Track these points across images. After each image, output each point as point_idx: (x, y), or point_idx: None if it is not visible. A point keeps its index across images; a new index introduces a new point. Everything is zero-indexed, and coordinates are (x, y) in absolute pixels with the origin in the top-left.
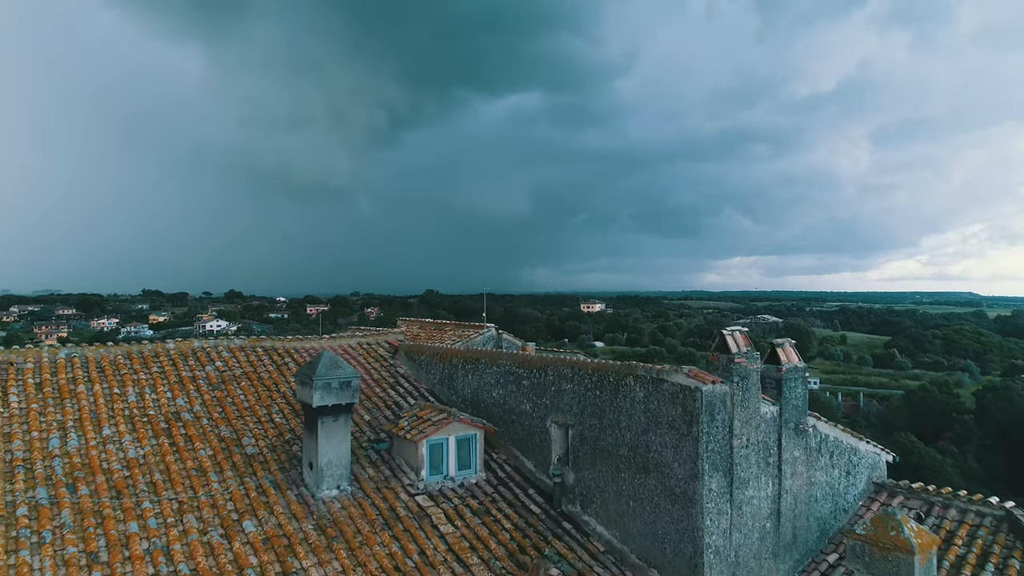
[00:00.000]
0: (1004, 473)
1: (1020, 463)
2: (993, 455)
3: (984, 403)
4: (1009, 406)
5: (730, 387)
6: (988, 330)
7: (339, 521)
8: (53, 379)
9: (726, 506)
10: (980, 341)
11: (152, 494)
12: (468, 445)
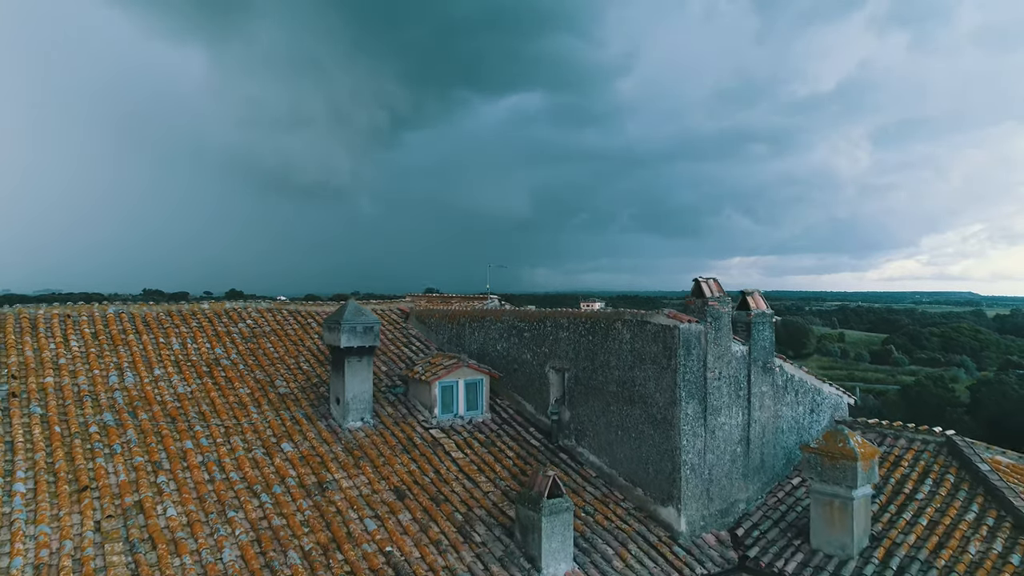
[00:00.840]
0: None
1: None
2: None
3: (978, 397)
4: (1003, 399)
5: (704, 326)
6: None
7: (364, 445)
8: (106, 330)
9: (701, 430)
10: (977, 338)
11: (201, 421)
12: (476, 388)
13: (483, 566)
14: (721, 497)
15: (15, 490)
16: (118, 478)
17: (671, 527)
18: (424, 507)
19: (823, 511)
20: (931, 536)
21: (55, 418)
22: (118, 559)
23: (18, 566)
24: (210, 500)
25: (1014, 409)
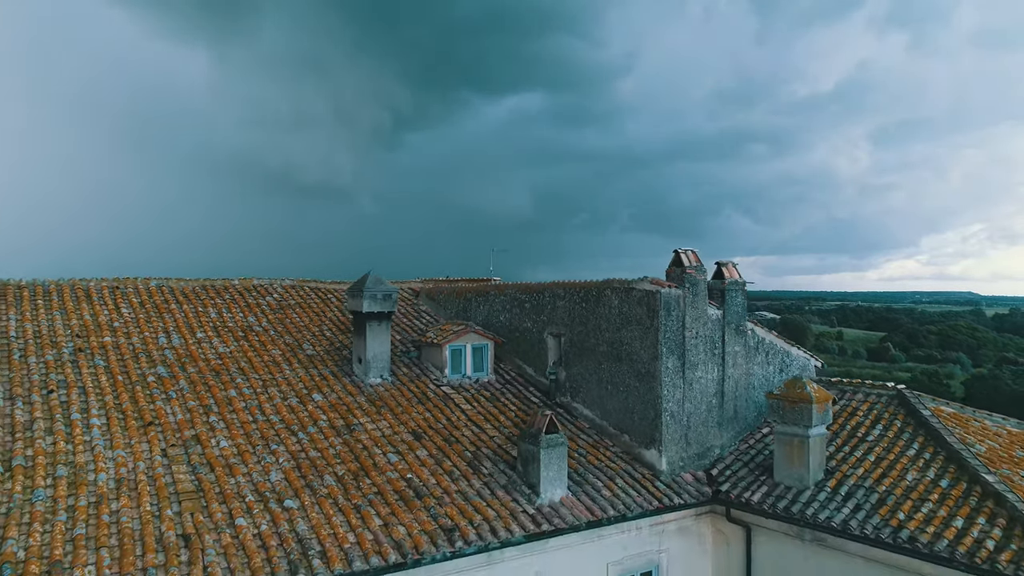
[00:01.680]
0: None
1: None
2: None
3: (972, 391)
4: (995, 394)
5: (683, 292)
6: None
7: (384, 397)
8: (151, 300)
9: (680, 382)
10: (975, 336)
11: (241, 375)
12: (482, 352)
13: (490, 491)
14: (698, 442)
15: (92, 423)
16: (176, 417)
17: (653, 467)
18: (438, 446)
19: (784, 449)
20: (877, 468)
21: (116, 369)
22: (184, 477)
23: (103, 480)
24: (255, 436)
25: (1007, 403)
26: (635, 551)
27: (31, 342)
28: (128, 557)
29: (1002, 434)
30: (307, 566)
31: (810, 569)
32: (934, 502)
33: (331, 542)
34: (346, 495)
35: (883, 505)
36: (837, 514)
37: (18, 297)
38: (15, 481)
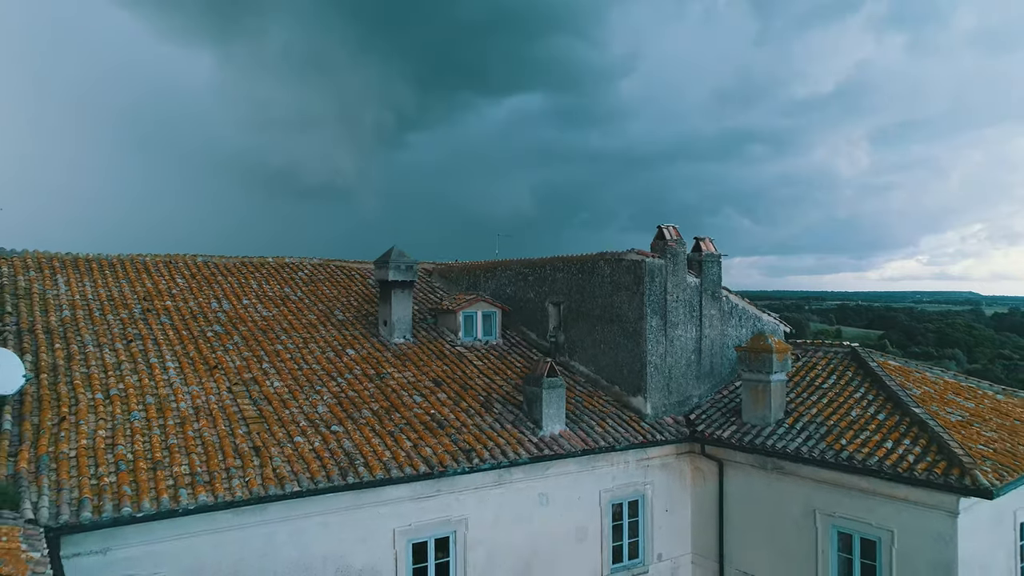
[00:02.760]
0: None
1: None
2: None
3: None
4: None
5: (665, 261)
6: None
7: (407, 353)
8: (199, 272)
9: (662, 338)
10: (972, 334)
11: (284, 333)
12: (491, 319)
13: (500, 425)
14: (678, 391)
15: (168, 366)
16: (234, 363)
17: (640, 411)
18: (455, 391)
19: (750, 393)
20: (828, 408)
21: (180, 326)
22: (247, 407)
23: (184, 407)
24: (302, 379)
25: None
26: (624, 482)
27: (106, 304)
28: (213, 460)
29: (938, 382)
30: (354, 472)
31: (771, 495)
32: (871, 431)
33: (372, 456)
34: (381, 424)
35: (830, 435)
36: (792, 443)
37: (88, 267)
38: (115, 406)
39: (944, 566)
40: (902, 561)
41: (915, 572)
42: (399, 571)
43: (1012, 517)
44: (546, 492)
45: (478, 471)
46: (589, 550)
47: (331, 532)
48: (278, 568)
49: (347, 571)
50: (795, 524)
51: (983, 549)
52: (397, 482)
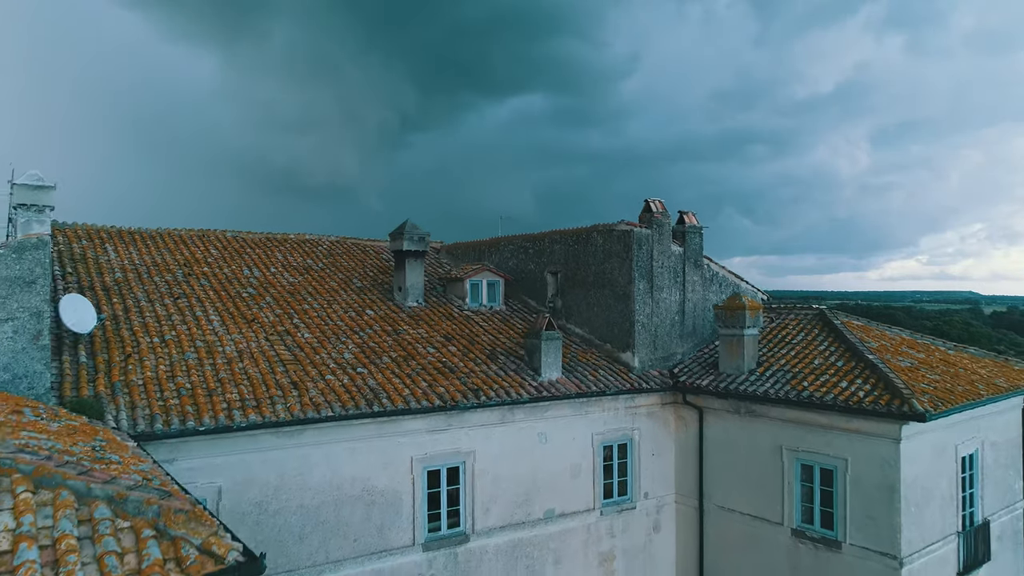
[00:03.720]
0: None
1: None
2: None
3: None
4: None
5: (651, 231)
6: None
7: (420, 315)
8: (230, 245)
9: (649, 300)
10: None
11: (310, 296)
12: (495, 287)
13: (504, 372)
14: (663, 348)
15: (211, 319)
16: (269, 318)
17: (628, 365)
18: (464, 344)
19: (726, 347)
20: (795, 359)
21: (219, 288)
22: (283, 352)
23: (229, 350)
24: (328, 332)
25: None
26: (614, 426)
27: (152, 268)
28: (258, 391)
29: (896, 339)
30: (378, 403)
31: (745, 436)
32: (830, 375)
33: (393, 391)
34: (399, 368)
35: (795, 379)
36: (761, 387)
37: (131, 238)
38: (170, 348)
39: (889, 487)
40: (854, 485)
41: (865, 494)
42: (416, 494)
43: (954, 450)
44: (544, 432)
45: (485, 407)
46: (583, 485)
47: (358, 457)
48: (313, 484)
49: (372, 491)
50: (765, 460)
51: (925, 474)
52: (415, 413)
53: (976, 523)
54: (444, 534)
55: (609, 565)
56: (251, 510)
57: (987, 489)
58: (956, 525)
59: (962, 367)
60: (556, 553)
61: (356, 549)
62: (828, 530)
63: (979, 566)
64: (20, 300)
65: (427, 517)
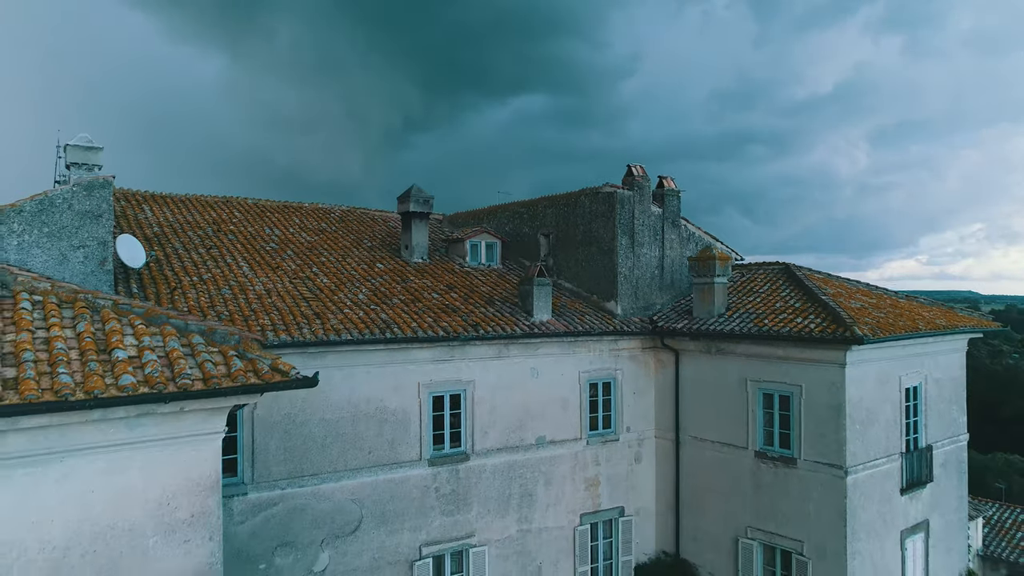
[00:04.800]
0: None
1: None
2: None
3: None
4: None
5: (633, 193)
6: None
7: (424, 269)
8: (251, 210)
9: (630, 254)
10: None
11: (326, 251)
12: (493, 248)
13: (500, 313)
14: (644, 299)
15: (241, 266)
16: (291, 267)
17: (612, 312)
18: (465, 292)
19: (699, 294)
20: (759, 304)
21: (245, 242)
22: (305, 292)
23: (259, 288)
24: (344, 279)
25: (980, 377)
26: (599, 366)
27: (184, 225)
28: (286, 318)
29: (853, 289)
30: (391, 331)
31: (715, 373)
32: (788, 314)
33: (403, 323)
34: (408, 308)
35: (757, 318)
36: (728, 327)
37: (164, 201)
38: (208, 285)
39: (836, 407)
40: (808, 408)
41: (817, 415)
42: (422, 416)
43: (898, 381)
44: (536, 367)
45: (484, 339)
46: (570, 417)
47: (372, 379)
48: (333, 401)
49: (384, 411)
50: (732, 393)
51: (869, 397)
52: (422, 342)
53: (920, 447)
54: (447, 452)
55: (595, 490)
56: (281, 420)
57: (931, 419)
58: (900, 447)
59: (909, 310)
60: (547, 475)
61: (370, 460)
62: (786, 449)
63: (923, 486)
64: (89, 230)
65: (432, 437)
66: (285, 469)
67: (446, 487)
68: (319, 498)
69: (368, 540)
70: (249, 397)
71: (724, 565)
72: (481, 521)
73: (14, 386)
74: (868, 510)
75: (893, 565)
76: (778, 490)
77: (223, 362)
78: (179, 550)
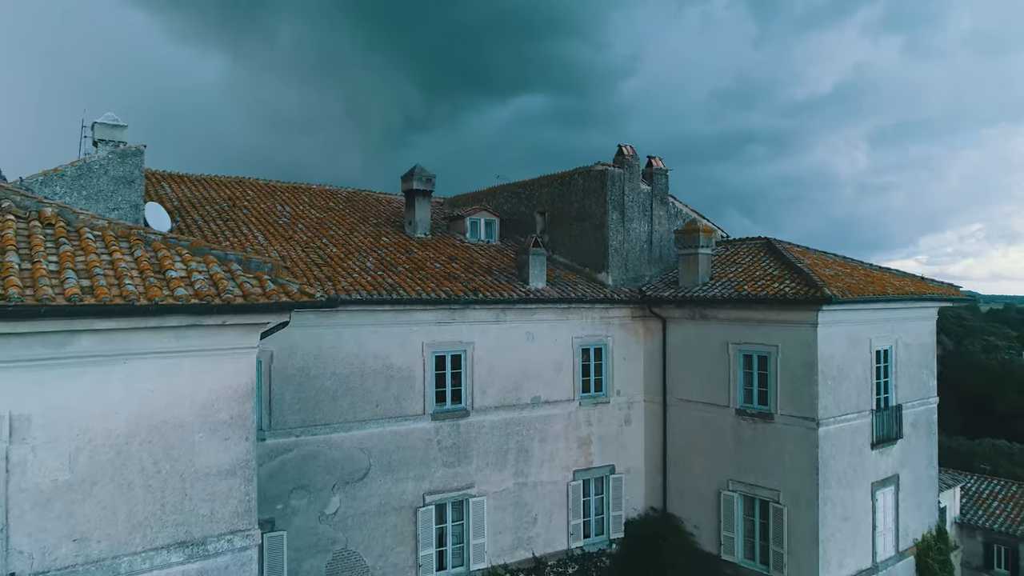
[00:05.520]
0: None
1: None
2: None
3: (944, 363)
4: (964, 365)
5: (623, 171)
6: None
7: (427, 243)
8: (263, 190)
9: (621, 229)
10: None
11: (334, 226)
12: (492, 225)
13: (498, 281)
14: (633, 270)
15: (256, 235)
16: (302, 238)
17: (604, 283)
18: (465, 263)
19: (684, 264)
20: (741, 273)
21: (258, 217)
22: (317, 259)
23: (274, 255)
24: (352, 249)
25: (975, 372)
26: (591, 332)
27: (202, 201)
28: (300, 279)
29: (830, 260)
30: (396, 293)
31: (699, 337)
32: (766, 280)
33: (408, 286)
34: (412, 275)
35: (738, 285)
36: (711, 293)
37: (181, 180)
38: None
39: (808, 364)
40: (784, 366)
41: (792, 371)
42: (426, 373)
43: (868, 343)
44: (532, 332)
45: (483, 303)
46: (564, 379)
47: (380, 338)
48: (343, 356)
49: (390, 368)
50: (715, 355)
51: (841, 356)
52: (425, 303)
53: (890, 406)
54: (448, 408)
55: (586, 448)
56: (295, 373)
57: (901, 380)
58: (871, 404)
59: (880, 279)
60: (541, 433)
61: (378, 413)
62: (763, 406)
63: (893, 442)
64: (123, 195)
65: (435, 394)
66: (299, 418)
67: (447, 440)
68: (330, 446)
69: (376, 487)
70: (281, 315)
71: (708, 517)
72: (480, 473)
73: (90, 291)
74: (839, 460)
75: (864, 513)
76: (757, 444)
77: (259, 285)
78: (220, 446)
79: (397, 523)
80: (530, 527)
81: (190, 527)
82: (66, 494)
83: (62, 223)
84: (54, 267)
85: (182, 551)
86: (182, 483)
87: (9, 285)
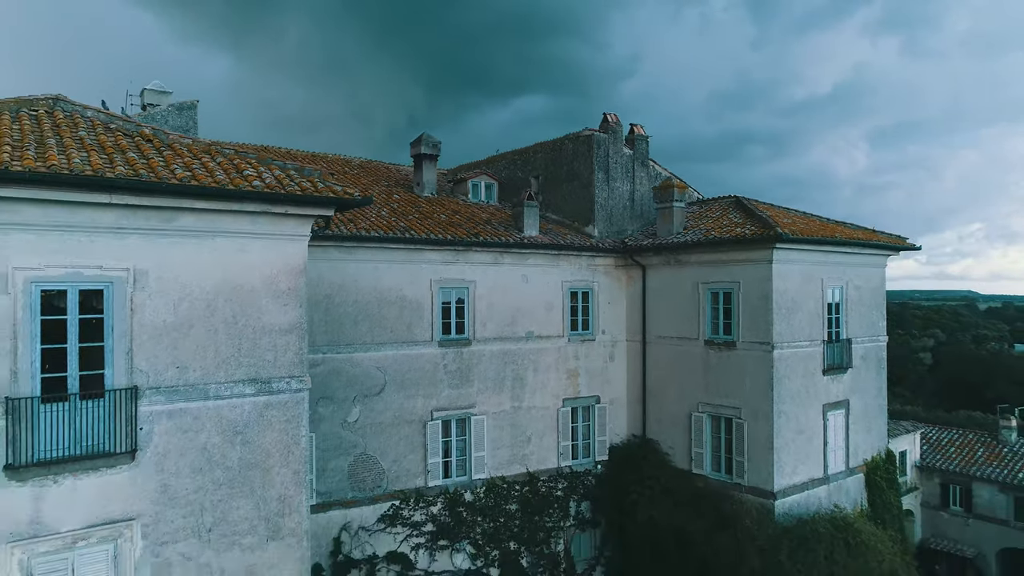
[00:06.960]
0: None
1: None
2: (942, 400)
3: (938, 358)
4: (959, 360)
5: (607, 136)
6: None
7: (434, 201)
8: (278, 155)
9: (605, 187)
10: (958, 320)
11: (349, 185)
12: (491, 188)
13: (497, 229)
14: (617, 224)
15: None
16: None
17: (590, 235)
18: (467, 216)
19: (661, 217)
20: (710, 223)
21: None
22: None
23: None
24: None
25: (969, 367)
26: (578, 277)
27: None
28: None
29: (789, 213)
30: (408, 233)
31: (674, 281)
32: (731, 227)
33: (418, 228)
34: (421, 222)
35: (706, 232)
36: (683, 239)
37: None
38: None
39: (764, 296)
40: (744, 299)
41: (751, 304)
42: (433, 305)
43: (820, 282)
44: (526, 275)
45: (483, 245)
46: (554, 318)
47: (394, 273)
48: (363, 287)
49: (403, 299)
50: (686, 295)
51: (794, 290)
52: (433, 244)
53: (841, 339)
54: (453, 337)
55: (575, 379)
56: (322, 300)
57: (852, 318)
58: (823, 336)
59: (834, 229)
60: (535, 364)
61: (392, 338)
62: (728, 335)
63: (843, 371)
64: None
65: (441, 325)
66: (326, 338)
67: (452, 365)
68: (352, 364)
69: (390, 401)
70: (327, 209)
71: (681, 437)
72: (481, 396)
73: (193, 179)
74: (793, 381)
75: (816, 430)
76: (722, 369)
77: (311, 185)
78: (281, 309)
79: (409, 434)
80: (525, 445)
81: (259, 369)
82: (172, 332)
83: (158, 140)
84: (161, 167)
85: (253, 385)
86: (253, 334)
87: (139, 169)
